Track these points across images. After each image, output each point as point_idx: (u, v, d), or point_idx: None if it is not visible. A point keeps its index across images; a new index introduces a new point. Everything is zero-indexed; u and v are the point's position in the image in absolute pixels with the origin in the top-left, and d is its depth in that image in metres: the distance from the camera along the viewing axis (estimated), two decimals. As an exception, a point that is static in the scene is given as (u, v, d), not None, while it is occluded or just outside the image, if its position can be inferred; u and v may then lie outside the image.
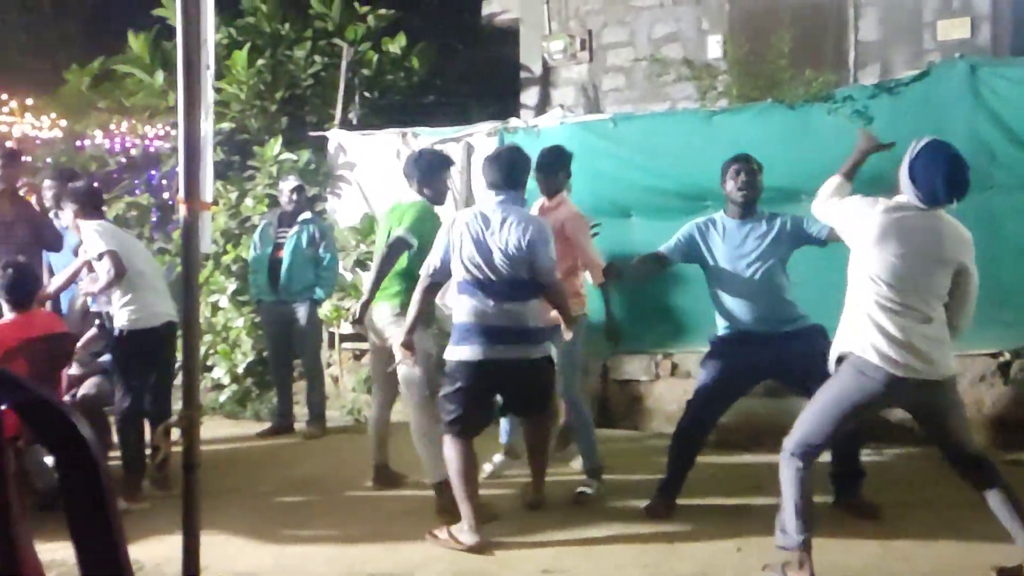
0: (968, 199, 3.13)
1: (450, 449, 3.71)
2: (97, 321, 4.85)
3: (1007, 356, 5.05)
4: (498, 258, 3.63)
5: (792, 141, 5.36)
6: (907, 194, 3.09)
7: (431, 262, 3.82)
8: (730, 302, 3.94)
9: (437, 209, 4.43)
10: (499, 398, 3.94)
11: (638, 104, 7.32)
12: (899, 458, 4.80)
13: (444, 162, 4.48)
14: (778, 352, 3.85)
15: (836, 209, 3.28)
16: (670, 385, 5.79)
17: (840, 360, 3.18)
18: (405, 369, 4.08)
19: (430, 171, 4.35)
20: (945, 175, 3.01)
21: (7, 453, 1.23)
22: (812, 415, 3.21)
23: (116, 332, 4.47)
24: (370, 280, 4.29)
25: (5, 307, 4.35)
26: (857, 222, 3.14)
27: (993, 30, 6.57)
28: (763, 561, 3.37)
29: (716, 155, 4.24)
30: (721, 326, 4.02)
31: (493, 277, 3.63)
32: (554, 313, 3.92)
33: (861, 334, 3.08)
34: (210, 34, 2.49)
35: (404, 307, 4.05)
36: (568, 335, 3.92)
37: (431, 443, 3.99)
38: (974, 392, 4.99)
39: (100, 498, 1.19)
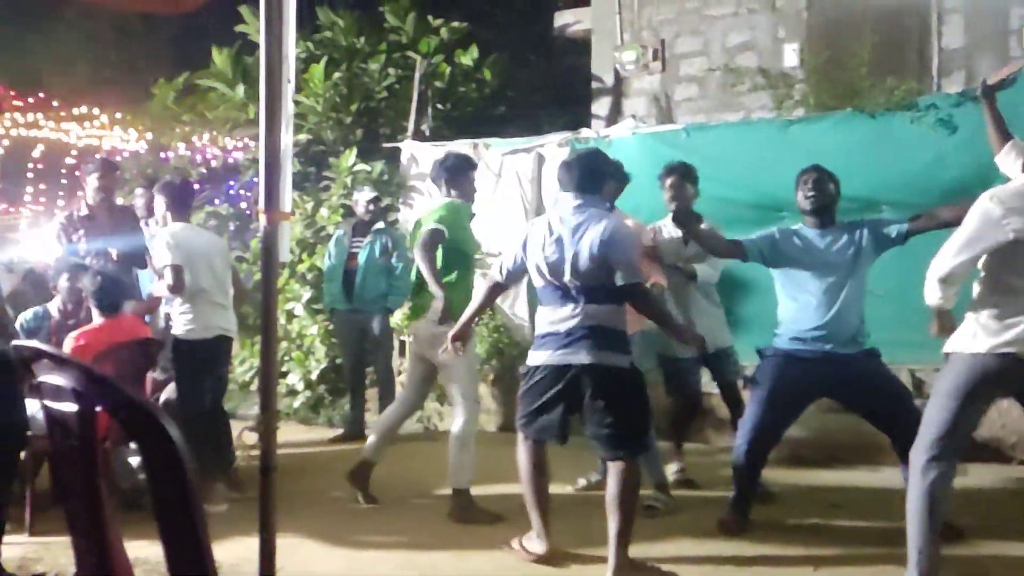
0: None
1: (521, 453, 3.67)
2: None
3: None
4: (579, 261, 3.48)
5: (873, 151, 5.23)
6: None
7: (504, 263, 3.77)
8: (798, 314, 3.84)
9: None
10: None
11: (711, 114, 7.24)
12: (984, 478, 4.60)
13: (469, 163, 4.53)
14: (835, 373, 3.77)
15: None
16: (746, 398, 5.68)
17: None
18: (456, 375, 4.17)
19: (456, 172, 4.42)
20: None
21: (101, 453, 1.28)
22: (931, 417, 3.02)
23: (173, 339, 4.63)
24: (429, 279, 4.13)
25: (95, 312, 4.53)
26: None
27: (1087, 35, 6.29)
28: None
29: (792, 165, 4.16)
30: (782, 338, 3.91)
31: (575, 281, 3.50)
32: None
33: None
34: (291, 49, 2.55)
35: (443, 313, 4.09)
36: (686, 345, 3.90)
37: (465, 449, 4.13)
38: None
39: (187, 498, 1.23)
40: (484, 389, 6.13)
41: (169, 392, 4.89)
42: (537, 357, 3.60)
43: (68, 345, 4.31)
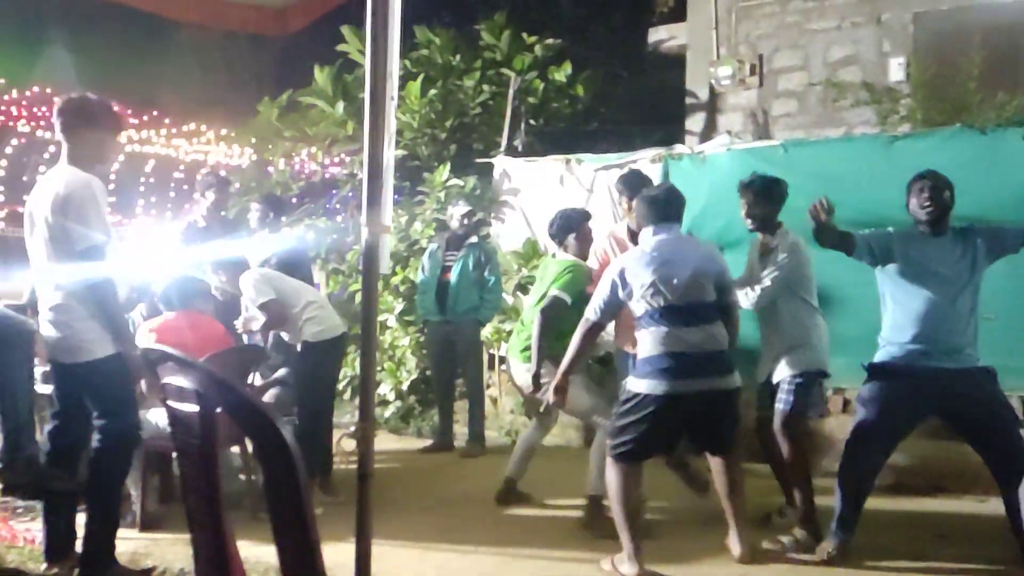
0: None
1: (612, 471, 3.66)
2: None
3: None
4: (684, 280, 3.62)
5: (982, 168, 5.01)
6: None
7: (595, 304, 3.82)
8: (907, 325, 3.68)
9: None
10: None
11: (810, 130, 7.07)
12: None
13: (584, 217, 4.56)
14: (943, 389, 3.61)
15: None
16: (841, 423, 5.50)
17: None
18: (581, 406, 4.25)
19: (572, 228, 4.48)
20: None
21: (220, 455, 1.34)
22: None
23: (303, 344, 4.79)
24: (534, 348, 4.24)
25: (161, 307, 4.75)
26: None
27: None
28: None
29: (898, 182, 4.02)
30: (885, 350, 3.76)
31: (679, 302, 3.61)
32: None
33: None
34: (395, 66, 2.64)
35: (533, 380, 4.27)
36: None
37: (604, 458, 4.00)
38: None
39: (299, 499, 1.28)
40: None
41: (268, 398, 5.06)
42: (640, 385, 3.63)
43: (140, 335, 4.49)
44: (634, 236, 4.39)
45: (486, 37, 8.41)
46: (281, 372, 5.11)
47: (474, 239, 6.29)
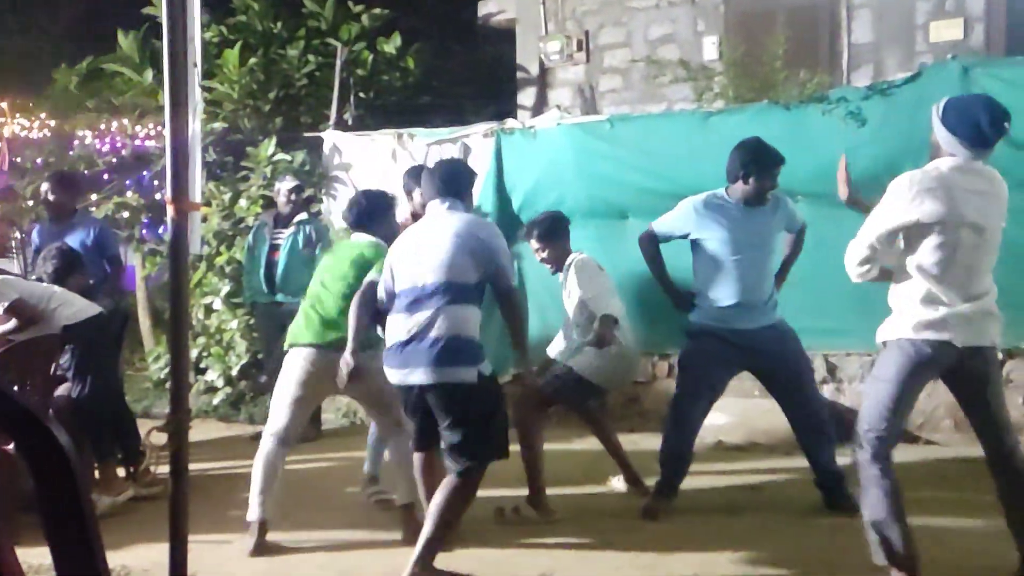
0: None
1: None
2: None
3: (1000, 356, 5.02)
4: (437, 262, 3.27)
5: (788, 142, 5.28)
6: (949, 148, 2.94)
7: (384, 285, 3.49)
8: (719, 285, 3.89)
9: None
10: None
11: (635, 105, 7.30)
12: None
13: (391, 203, 4.25)
14: (753, 345, 3.87)
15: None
16: (666, 386, 5.77)
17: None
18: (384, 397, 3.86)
19: (376, 212, 4.10)
20: (985, 108, 2.90)
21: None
22: (870, 406, 3.03)
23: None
24: (351, 332, 3.64)
25: None
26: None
27: (987, 31, 6.56)
28: (756, 564, 3.34)
29: (713, 156, 4.23)
30: (700, 312, 3.97)
31: (427, 282, 3.27)
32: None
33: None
34: (197, 30, 2.45)
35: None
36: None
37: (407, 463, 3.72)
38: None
39: (77, 505, 1.16)
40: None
41: (63, 390, 4.69)
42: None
43: None
44: (417, 217, 4.27)
45: (309, 4, 8.10)
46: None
47: (304, 216, 6.07)
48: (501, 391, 3.45)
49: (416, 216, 4.44)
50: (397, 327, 3.31)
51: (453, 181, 3.48)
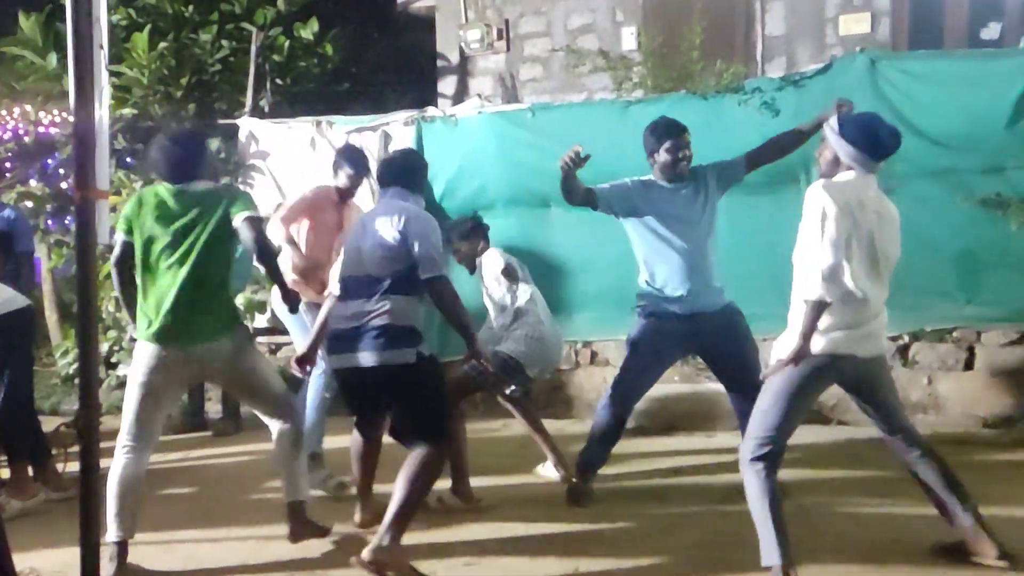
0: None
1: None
2: None
3: (906, 339, 5.28)
4: (378, 254, 3.38)
5: (705, 131, 5.40)
6: (850, 160, 3.01)
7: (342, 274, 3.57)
8: (660, 268, 3.88)
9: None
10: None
11: (556, 94, 7.35)
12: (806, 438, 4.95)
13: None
14: (701, 328, 3.87)
15: None
16: (589, 373, 5.85)
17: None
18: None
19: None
20: (880, 122, 3.03)
21: None
22: (764, 410, 3.06)
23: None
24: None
25: None
26: None
27: (892, 25, 6.84)
28: (684, 547, 3.42)
29: (633, 145, 4.26)
30: (647, 297, 3.95)
31: (366, 272, 3.40)
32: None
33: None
34: (103, 12, 2.36)
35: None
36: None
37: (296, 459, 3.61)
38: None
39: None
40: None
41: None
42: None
43: None
44: (343, 194, 4.48)
45: (223, -12, 7.89)
46: None
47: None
48: (441, 370, 3.55)
49: (341, 193, 4.48)
50: (338, 314, 3.44)
51: (402, 172, 3.59)
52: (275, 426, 3.54)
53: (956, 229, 5.24)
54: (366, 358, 3.32)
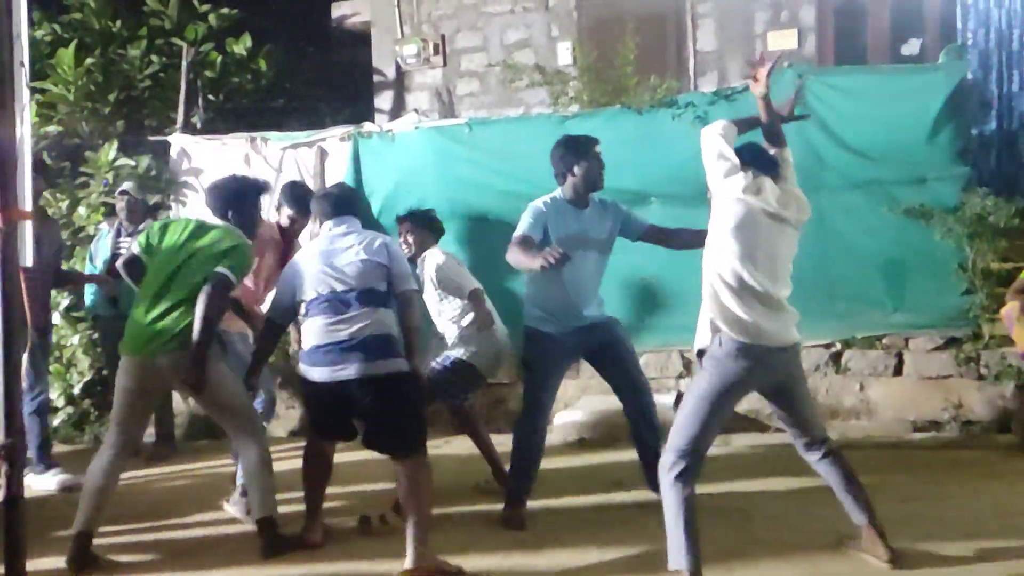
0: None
1: (307, 443, 3.83)
2: None
3: (838, 346, 5.42)
4: (355, 271, 3.60)
5: (640, 145, 5.53)
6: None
7: (279, 302, 3.75)
8: (556, 285, 3.89)
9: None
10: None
11: (493, 109, 7.39)
12: (744, 446, 5.04)
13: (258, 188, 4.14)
14: (588, 339, 3.98)
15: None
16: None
17: (700, 355, 3.20)
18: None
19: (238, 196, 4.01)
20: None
21: None
22: (684, 419, 3.13)
23: None
24: (202, 330, 3.57)
25: None
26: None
27: (818, 41, 7.07)
28: (626, 558, 3.44)
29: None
30: (538, 312, 3.99)
31: (347, 289, 3.58)
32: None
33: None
34: (24, 27, 2.28)
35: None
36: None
37: (262, 475, 3.74)
38: (811, 381, 5.31)
39: None
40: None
41: None
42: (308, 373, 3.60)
43: None
44: (283, 232, 4.55)
45: (151, 3, 7.73)
46: None
47: (148, 224, 5.75)
48: (422, 380, 3.70)
49: (283, 231, 4.55)
50: (321, 330, 3.54)
51: (345, 203, 3.87)
52: (241, 443, 3.74)
53: (883, 239, 5.40)
54: (361, 368, 3.45)
